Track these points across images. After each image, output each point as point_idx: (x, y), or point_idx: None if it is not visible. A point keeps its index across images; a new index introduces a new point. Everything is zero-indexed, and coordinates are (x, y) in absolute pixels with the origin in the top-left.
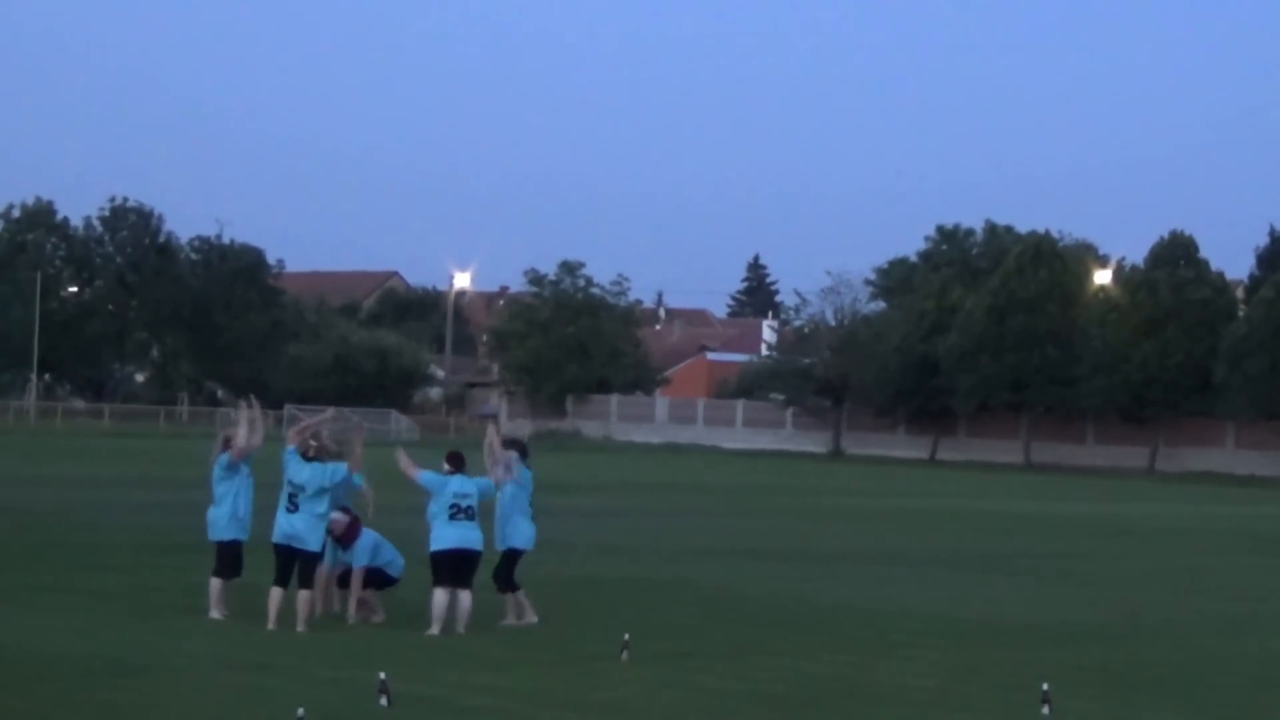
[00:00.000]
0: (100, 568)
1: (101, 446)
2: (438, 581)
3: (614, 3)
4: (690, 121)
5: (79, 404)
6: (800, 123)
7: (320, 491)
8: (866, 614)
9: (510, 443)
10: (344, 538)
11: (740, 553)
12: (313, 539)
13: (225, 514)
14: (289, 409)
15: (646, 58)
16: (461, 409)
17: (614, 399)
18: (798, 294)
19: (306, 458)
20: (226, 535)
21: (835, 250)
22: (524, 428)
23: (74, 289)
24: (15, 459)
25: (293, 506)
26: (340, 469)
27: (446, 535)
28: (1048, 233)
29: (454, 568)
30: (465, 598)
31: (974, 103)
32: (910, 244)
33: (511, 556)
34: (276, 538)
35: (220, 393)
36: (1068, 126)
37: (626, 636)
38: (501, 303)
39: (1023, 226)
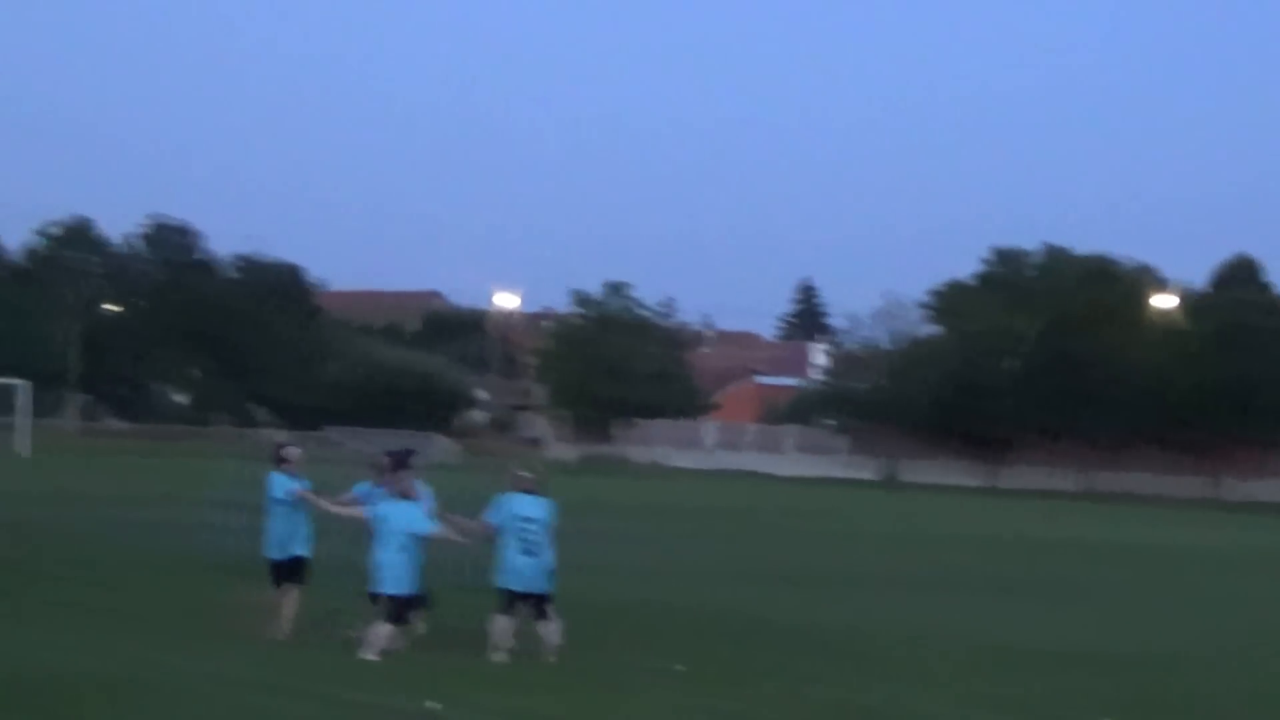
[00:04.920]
0: (130, 586)
1: (138, 465)
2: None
3: (664, 22)
4: (740, 141)
5: (117, 423)
6: (852, 143)
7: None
8: (916, 641)
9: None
10: None
11: (787, 578)
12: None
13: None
14: (329, 430)
15: (696, 77)
16: (504, 432)
17: (661, 423)
18: (850, 317)
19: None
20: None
21: (888, 272)
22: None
23: (112, 307)
24: (52, 477)
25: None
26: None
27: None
28: (1106, 255)
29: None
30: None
31: (1030, 123)
32: (965, 266)
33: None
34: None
35: (259, 413)
36: (1127, 147)
37: (680, 668)
38: (546, 324)
39: (1081, 249)
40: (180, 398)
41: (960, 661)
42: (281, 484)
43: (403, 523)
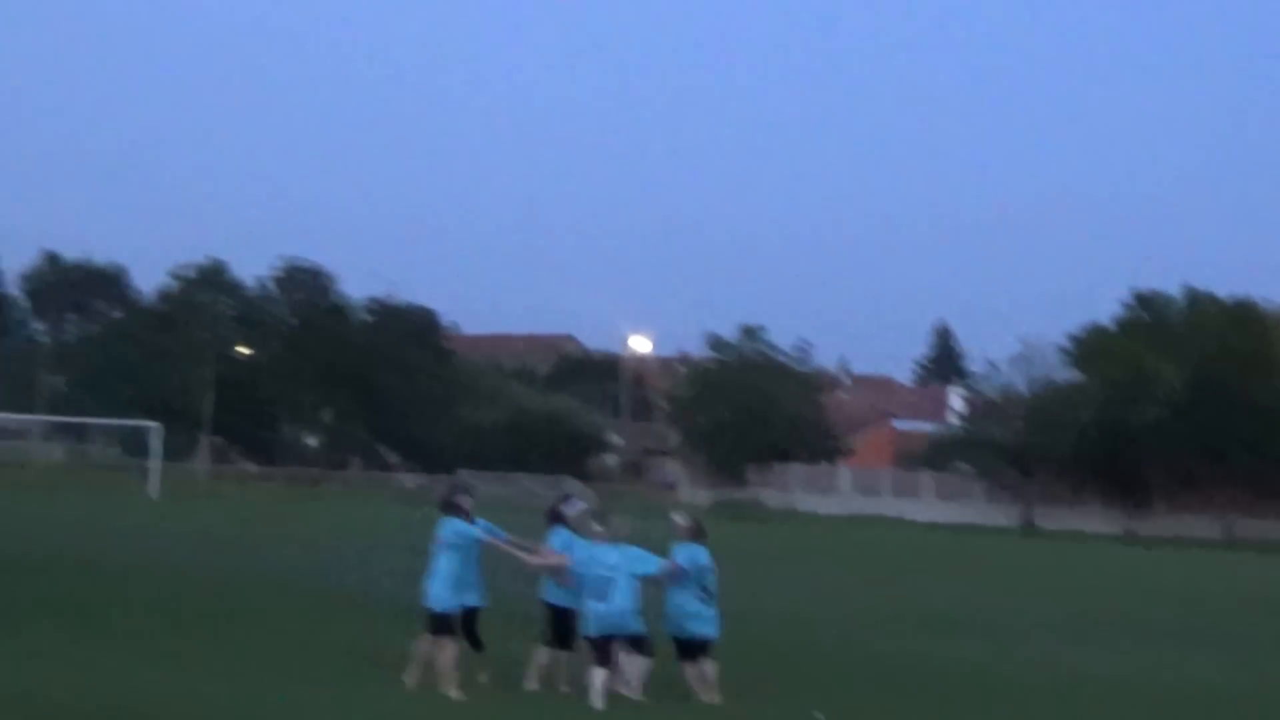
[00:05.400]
0: (278, 630)
1: (271, 509)
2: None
3: (809, 53)
4: (876, 185)
5: (249, 465)
6: (989, 187)
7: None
8: (1064, 689)
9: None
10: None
11: (927, 624)
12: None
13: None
14: (462, 474)
15: (827, 118)
16: (637, 476)
17: (796, 468)
18: (988, 361)
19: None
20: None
21: (1026, 317)
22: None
23: (245, 350)
24: (185, 520)
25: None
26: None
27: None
28: (1250, 298)
29: None
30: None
31: (1170, 165)
32: (1106, 311)
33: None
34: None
35: (392, 457)
36: (1270, 190)
37: (820, 716)
38: (680, 367)
39: (1224, 292)
40: (312, 440)
41: (1118, 710)
42: (457, 529)
43: (631, 567)
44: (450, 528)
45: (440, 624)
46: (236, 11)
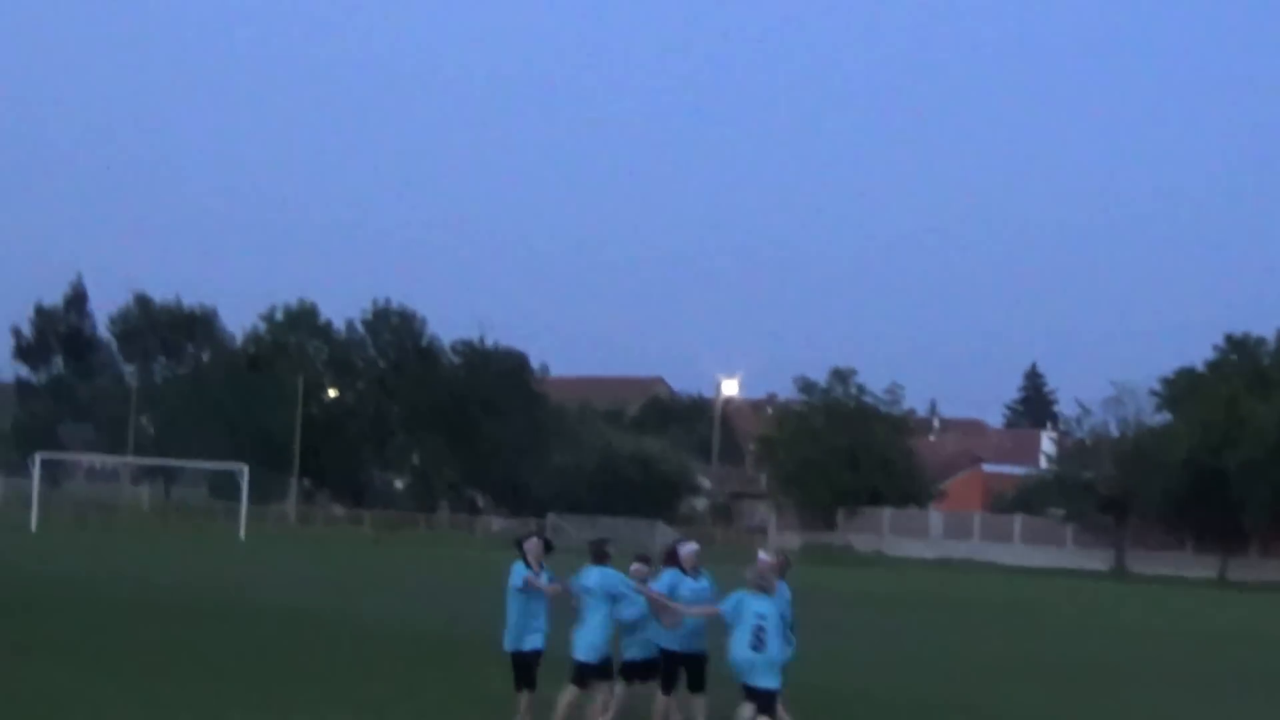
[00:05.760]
0: (375, 675)
1: (361, 552)
2: None
3: (905, 94)
4: (965, 228)
5: (338, 509)
6: (1079, 229)
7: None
8: None
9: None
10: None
11: (1023, 671)
12: None
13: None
14: (552, 517)
15: (913, 158)
16: (729, 520)
17: (886, 511)
18: (1079, 404)
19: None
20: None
21: (1117, 359)
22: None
23: (335, 392)
24: (276, 562)
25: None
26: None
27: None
28: None
29: None
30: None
31: (1262, 209)
32: (1197, 353)
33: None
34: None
35: (480, 499)
36: None
37: None
38: (770, 410)
39: None
40: (400, 483)
41: None
42: (611, 578)
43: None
44: (605, 577)
45: (594, 672)
46: (325, 50)
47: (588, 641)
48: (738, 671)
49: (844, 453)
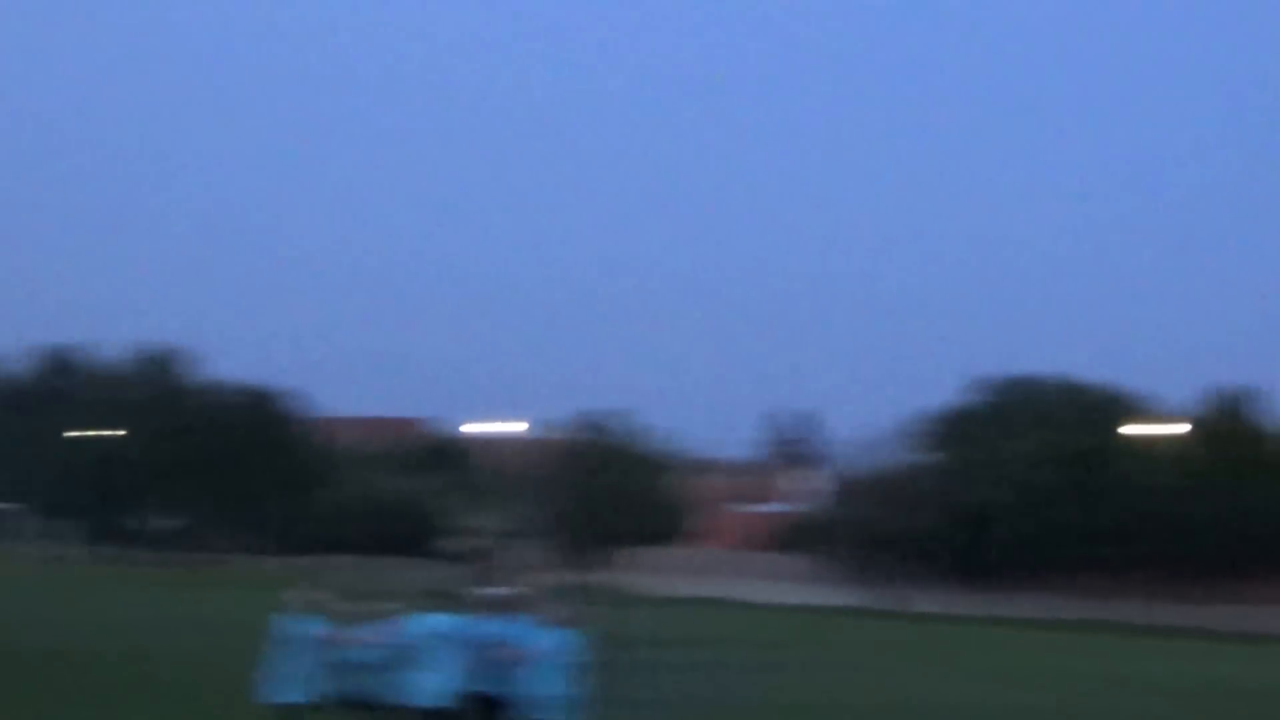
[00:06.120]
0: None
1: (117, 591)
2: None
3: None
4: (734, 266)
5: (105, 549)
6: (842, 269)
7: None
8: None
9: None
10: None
11: (811, 710)
12: None
13: None
14: (320, 558)
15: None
16: (494, 558)
17: (657, 550)
18: (848, 443)
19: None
20: None
21: (884, 400)
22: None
23: (100, 432)
24: (45, 603)
25: None
26: None
27: None
28: (1111, 384)
29: None
30: None
31: (1009, 250)
32: (961, 393)
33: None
34: None
35: (249, 540)
36: (1116, 275)
37: None
38: (542, 450)
39: (1084, 377)
40: (168, 522)
41: None
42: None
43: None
44: (449, 622)
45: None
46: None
47: (434, 687)
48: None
49: (615, 492)
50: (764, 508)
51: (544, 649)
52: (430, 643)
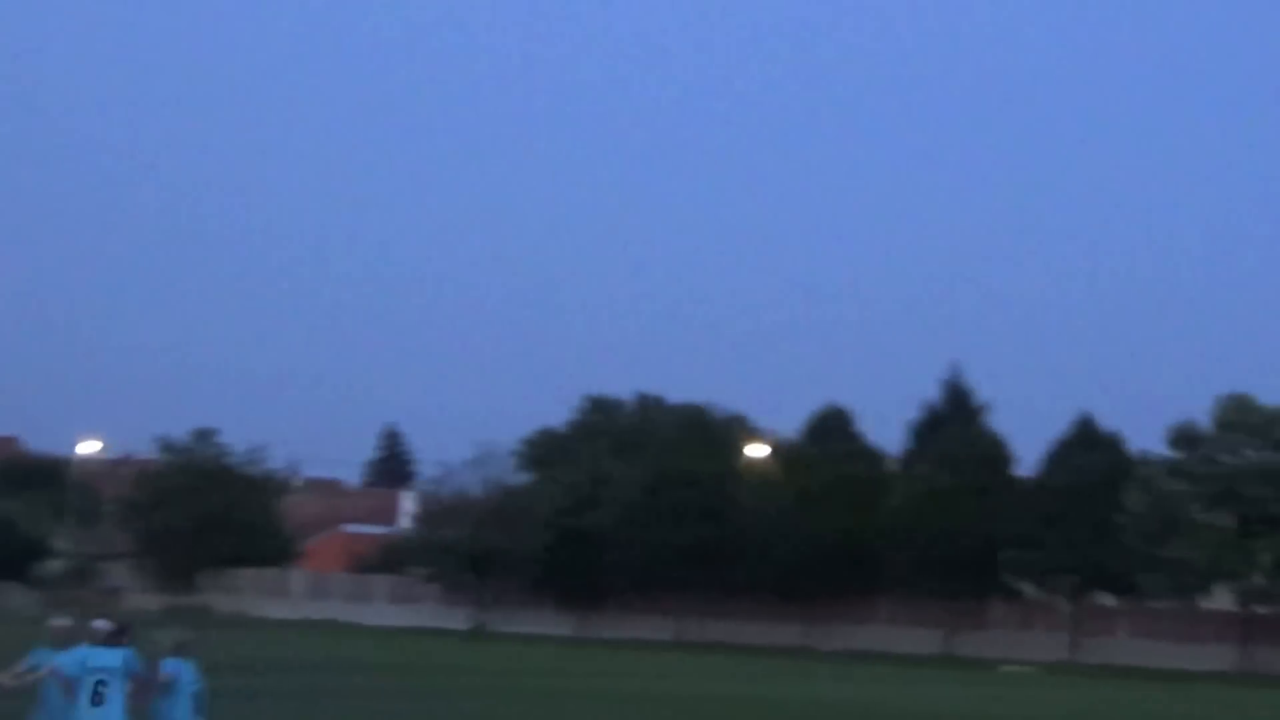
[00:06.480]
0: None
1: None
2: None
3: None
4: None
5: None
6: (434, 286)
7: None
8: None
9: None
10: None
11: None
12: None
13: None
14: None
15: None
16: (85, 583)
17: (248, 572)
18: (442, 464)
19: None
20: None
21: (478, 420)
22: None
23: None
24: None
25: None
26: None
27: None
28: (701, 405)
29: None
30: None
31: (614, 269)
32: (559, 415)
33: None
34: None
35: None
36: (714, 295)
37: None
38: (129, 471)
39: (674, 398)
40: None
41: None
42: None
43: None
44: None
45: None
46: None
47: None
48: None
49: (205, 514)
50: (372, 529)
51: (177, 678)
52: (91, 676)
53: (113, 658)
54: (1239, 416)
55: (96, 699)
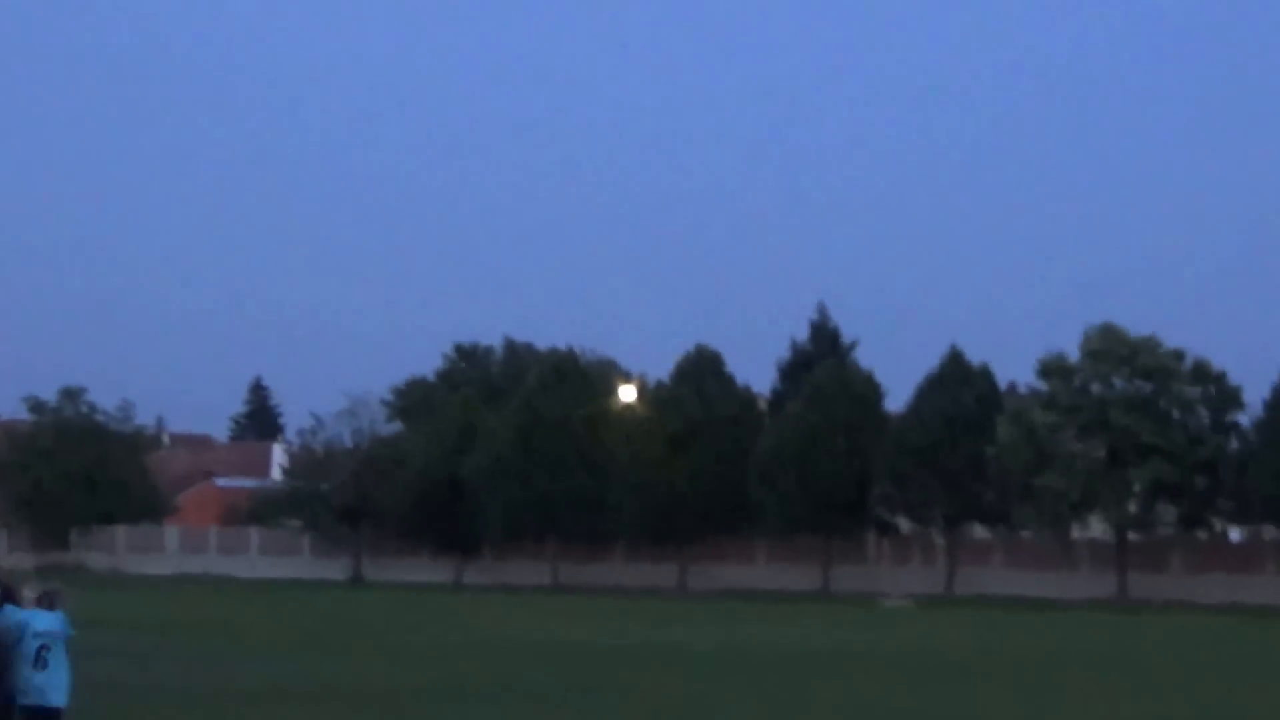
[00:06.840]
0: None
1: None
2: None
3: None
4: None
5: None
6: (309, 233)
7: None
8: None
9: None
10: None
11: (291, 695)
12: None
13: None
14: None
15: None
16: None
17: (121, 529)
18: (312, 416)
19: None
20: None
21: (348, 371)
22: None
23: None
24: None
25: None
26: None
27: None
28: (570, 349)
29: None
30: None
31: (476, 217)
32: (428, 363)
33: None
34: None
35: None
36: (580, 238)
37: None
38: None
39: (542, 344)
40: None
41: None
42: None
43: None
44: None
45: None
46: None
47: (64, 685)
48: (23, 693)
49: (76, 473)
50: (243, 482)
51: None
52: (35, 640)
53: (54, 620)
54: (1107, 346)
55: (40, 663)
